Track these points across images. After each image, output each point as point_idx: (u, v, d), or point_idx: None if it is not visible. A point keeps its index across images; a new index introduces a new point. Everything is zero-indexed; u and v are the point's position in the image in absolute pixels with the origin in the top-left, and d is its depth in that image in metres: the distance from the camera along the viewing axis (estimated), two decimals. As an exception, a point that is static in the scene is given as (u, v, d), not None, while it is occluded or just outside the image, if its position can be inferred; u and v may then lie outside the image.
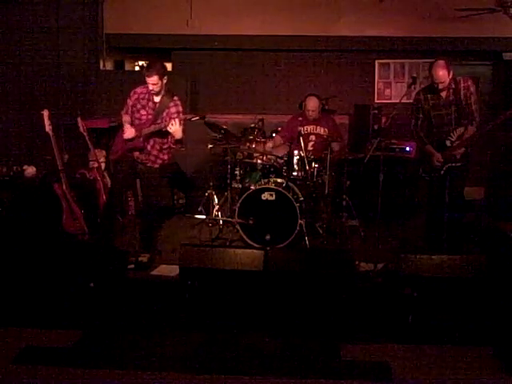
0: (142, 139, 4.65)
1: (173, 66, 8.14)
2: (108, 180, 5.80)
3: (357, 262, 4.19)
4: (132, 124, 4.71)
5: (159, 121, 4.65)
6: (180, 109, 4.70)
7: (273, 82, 7.90)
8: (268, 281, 3.71)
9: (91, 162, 5.72)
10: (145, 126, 4.67)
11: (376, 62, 7.83)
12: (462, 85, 4.46)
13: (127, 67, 8.80)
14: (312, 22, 7.30)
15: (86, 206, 5.15)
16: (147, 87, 4.65)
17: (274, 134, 5.99)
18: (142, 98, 4.71)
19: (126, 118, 4.77)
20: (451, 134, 4.46)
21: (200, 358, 3.25)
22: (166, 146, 4.77)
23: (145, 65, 4.81)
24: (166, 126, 4.51)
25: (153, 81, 4.54)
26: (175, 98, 4.73)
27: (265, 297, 3.69)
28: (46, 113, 4.93)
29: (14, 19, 6.74)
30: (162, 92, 4.66)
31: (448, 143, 4.48)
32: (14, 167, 5.71)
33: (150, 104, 4.70)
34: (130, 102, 4.76)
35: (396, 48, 7.51)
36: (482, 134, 4.47)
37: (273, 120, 6.74)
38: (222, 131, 5.59)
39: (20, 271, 3.85)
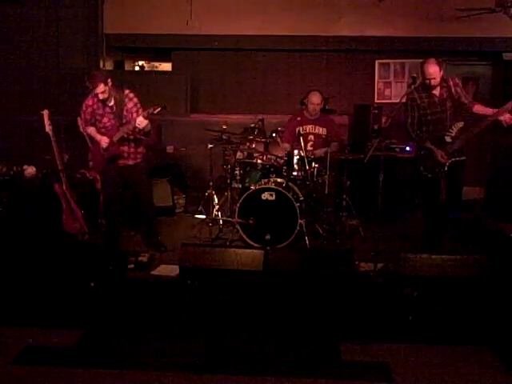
0: (116, 146, 4.69)
1: (173, 66, 8.15)
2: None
3: (357, 262, 4.19)
4: (99, 133, 4.73)
5: (124, 120, 4.69)
6: (135, 100, 4.74)
7: (273, 82, 7.90)
8: (268, 281, 3.72)
9: (91, 162, 5.71)
10: (112, 132, 4.68)
11: (376, 61, 7.84)
12: (451, 82, 4.54)
13: (127, 67, 8.80)
14: (312, 22, 7.31)
15: (86, 206, 5.15)
16: (96, 96, 4.63)
17: (273, 134, 5.99)
18: (97, 108, 4.70)
19: (91, 130, 4.78)
20: (450, 130, 4.50)
21: (200, 357, 3.25)
22: (132, 138, 4.78)
23: (145, 65, 4.78)
24: (133, 126, 4.57)
25: (100, 90, 4.54)
26: (126, 91, 4.74)
27: (265, 297, 3.69)
28: (46, 113, 4.93)
29: (14, 19, 6.74)
30: (112, 94, 4.66)
31: (448, 139, 4.51)
32: (14, 167, 5.70)
33: (107, 109, 4.71)
34: (87, 117, 4.74)
35: (396, 48, 7.52)
36: (486, 126, 4.51)
37: (273, 120, 6.74)
38: (222, 131, 5.60)
39: (20, 271, 3.85)
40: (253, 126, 6.09)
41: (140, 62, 9.17)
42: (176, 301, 3.79)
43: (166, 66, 8.91)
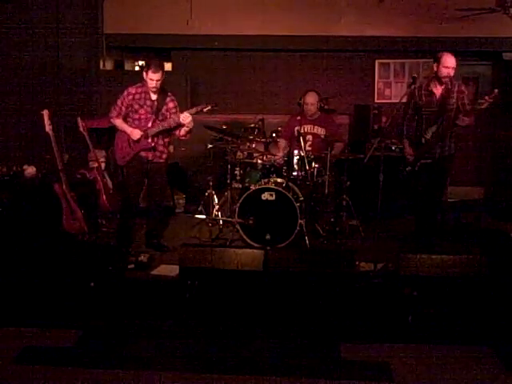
0: (150, 139, 4.69)
1: (173, 66, 8.15)
2: (108, 180, 5.79)
3: (357, 262, 4.19)
4: (130, 125, 4.74)
5: (160, 117, 4.74)
6: (176, 103, 4.84)
7: (273, 82, 7.90)
8: (268, 281, 3.72)
9: (91, 162, 5.71)
10: (146, 125, 4.70)
11: (376, 61, 7.84)
12: (456, 89, 4.59)
13: (127, 67, 8.80)
14: (312, 22, 7.30)
15: (86, 206, 5.15)
16: (143, 86, 4.70)
17: (273, 134, 5.99)
18: (139, 98, 4.72)
19: (119, 122, 4.77)
20: (426, 132, 4.56)
21: (200, 357, 3.25)
22: (167, 140, 4.90)
23: (145, 64, 4.80)
24: (177, 122, 4.64)
25: (158, 77, 4.60)
26: (169, 93, 4.82)
27: (265, 297, 3.69)
28: (46, 113, 4.93)
29: (14, 19, 6.73)
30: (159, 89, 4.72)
31: (423, 140, 4.59)
32: (14, 167, 5.69)
33: (148, 102, 4.72)
34: (124, 104, 4.74)
35: (396, 48, 7.52)
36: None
37: (273, 120, 6.74)
38: (222, 131, 5.60)
39: (20, 271, 3.85)
40: (253, 126, 6.09)
41: (140, 62, 9.16)
42: (176, 301, 3.79)
43: (166, 66, 8.89)
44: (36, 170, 5.76)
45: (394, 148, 6.31)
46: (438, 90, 4.65)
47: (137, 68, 9.13)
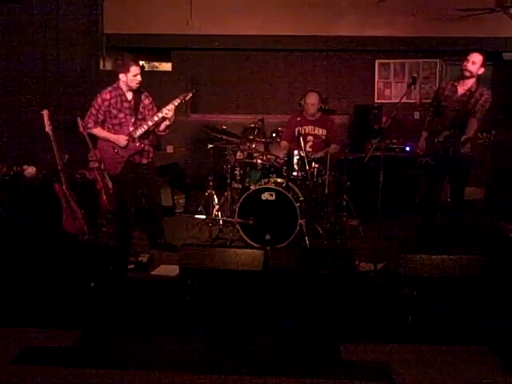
0: (137, 142, 4.65)
1: (173, 66, 8.15)
2: (108, 180, 5.79)
3: (357, 262, 4.19)
4: (109, 131, 4.69)
5: (140, 116, 4.69)
6: (151, 99, 4.80)
7: (273, 82, 7.90)
8: (268, 281, 3.71)
9: (91, 162, 5.71)
10: (127, 128, 4.65)
11: (376, 61, 7.84)
12: (478, 92, 4.56)
13: (127, 67, 8.79)
14: (312, 21, 7.30)
15: (86, 206, 5.15)
16: (117, 88, 4.64)
17: (273, 134, 5.99)
18: (115, 102, 4.65)
19: (97, 130, 4.69)
20: (440, 134, 4.59)
21: (200, 357, 3.25)
22: (151, 138, 4.86)
23: (120, 65, 4.70)
24: (160, 117, 4.58)
25: (139, 70, 4.59)
26: (142, 89, 4.76)
27: (265, 297, 3.69)
28: (45, 113, 4.92)
29: (14, 19, 6.73)
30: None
31: (435, 140, 4.59)
32: (14, 167, 5.69)
33: (126, 104, 4.67)
34: (100, 111, 4.64)
35: (396, 48, 7.52)
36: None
37: (273, 120, 6.75)
38: (222, 131, 5.60)
39: (20, 271, 3.85)
40: (253, 126, 6.10)
41: (140, 62, 9.16)
42: (176, 301, 3.79)
43: (166, 66, 8.90)
44: (36, 170, 5.76)
45: (394, 148, 6.32)
46: (461, 88, 4.64)
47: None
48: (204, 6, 7.35)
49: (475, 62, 4.51)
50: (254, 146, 5.72)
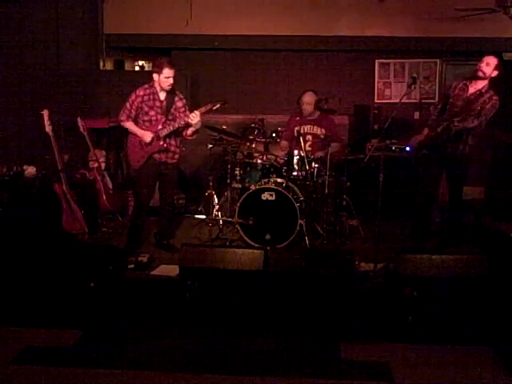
0: (162, 141, 4.66)
1: (173, 66, 8.13)
2: (108, 180, 5.80)
3: (357, 262, 4.19)
4: (140, 127, 4.70)
5: (170, 117, 4.71)
6: (185, 102, 4.82)
7: (273, 82, 7.89)
8: (268, 281, 3.71)
9: (91, 162, 5.72)
10: (157, 126, 4.67)
11: (376, 61, 7.84)
12: (488, 95, 4.56)
13: (127, 67, 8.79)
14: (312, 22, 7.30)
15: (86, 206, 5.15)
16: (151, 87, 4.67)
17: (273, 134, 5.99)
18: (148, 100, 4.68)
19: (129, 125, 4.72)
20: (440, 125, 4.56)
21: (200, 357, 3.25)
22: (178, 140, 4.85)
23: (153, 65, 4.73)
24: (186, 122, 4.60)
25: (173, 73, 4.59)
26: (177, 91, 4.79)
27: (265, 297, 3.69)
28: (45, 113, 4.93)
29: (14, 19, 6.73)
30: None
31: (433, 132, 4.57)
32: (14, 167, 5.70)
33: (157, 103, 4.70)
34: (133, 106, 4.67)
35: (396, 48, 7.51)
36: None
37: (273, 120, 6.74)
38: (222, 131, 5.60)
39: (20, 271, 3.85)
40: (253, 125, 6.09)
41: (140, 62, 9.16)
42: (176, 301, 3.79)
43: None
44: (36, 170, 5.77)
45: (394, 148, 6.31)
46: (472, 88, 4.64)
47: (137, 68, 9.13)
48: (204, 6, 7.35)
49: (489, 64, 4.51)
50: (253, 146, 5.72)
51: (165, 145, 4.69)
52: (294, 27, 7.35)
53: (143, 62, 9.19)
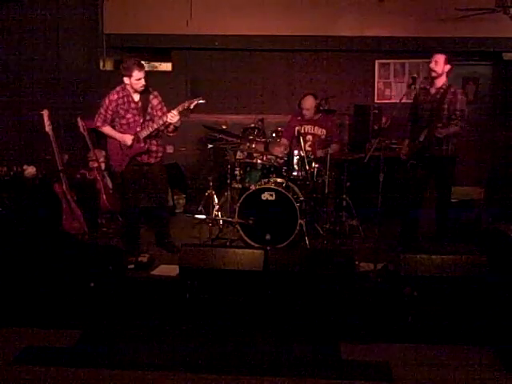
0: (142, 143, 4.65)
1: (173, 66, 8.14)
2: (108, 180, 5.80)
3: (357, 262, 4.19)
4: (118, 130, 4.68)
5: (148, 117, 4.67)
6: (160, 98, 4.76)
7: (273, 82, 7.89)
8: (268, 281, 3.72)
9: (91, 162, 5.72)
10: (135, 128, 4.64)
11: (376, 61, 7.83)
12: (451, 90, 4.67)
13: (127, 67, 8.79)
14: (312, 21, 7.29)
15: (86, 205, 5.15)
16: (123, 89, 4.63)
17: (273, 134, 5.98)
18: (122, 103, 4.64)
19: (106, 129, 4.70)
20: (420, 134, 4.66)
21: (200, 357, 3.25)
22: (159, 139, 4.82)
23: (123, 67, 4.64)
24: (165, 121, 4.56)
25: (144, 74, 4.55)
26: (151, 89, 4.73)
27: (265, 297, 3.69)
28: (45, 113, 4.93)
29: (14, 19, 6.73)
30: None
31: (417, 142, 4.68)
32: (14, 167, 5.70)
33: (132, 105, 4.66)
34: (108, 111, 4.64)
35: (396, 48, 7.50)
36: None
37: (273, 120, 6.74)
38: (222, 131, 5.60)
39: (20, 271, 3.85)
40: (253, 125, 6.09)
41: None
42: (176, 301, 3.79)
43: (166, 66, 8.90)
44: (36, 170, 5.77)
45: (394, 148, 6.31)
46: (432, 89, 4.75)
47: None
48: (204, 6, 7.34)
49: (438, 62, 4.64)
50: (253, 146, 5.71)
51: (146, 146, 4.67)
52: (294, 27, 7.34)
53: (143, 62, 9.18)
